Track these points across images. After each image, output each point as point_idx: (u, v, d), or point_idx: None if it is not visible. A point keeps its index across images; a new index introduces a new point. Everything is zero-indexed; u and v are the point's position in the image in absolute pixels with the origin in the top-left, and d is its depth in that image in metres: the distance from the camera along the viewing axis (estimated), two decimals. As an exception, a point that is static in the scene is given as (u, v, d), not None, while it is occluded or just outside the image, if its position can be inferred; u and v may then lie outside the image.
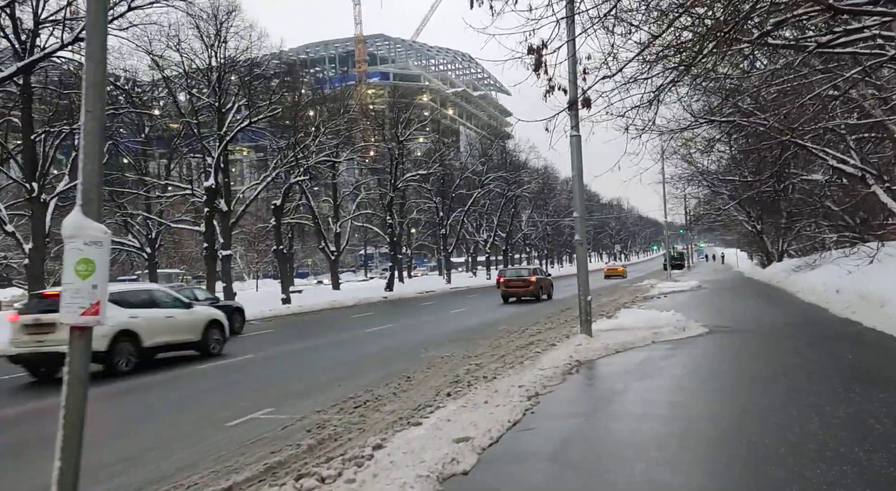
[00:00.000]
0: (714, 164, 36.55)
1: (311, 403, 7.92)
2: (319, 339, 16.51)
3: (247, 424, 6.99)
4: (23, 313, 11.14)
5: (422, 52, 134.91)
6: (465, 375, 9.37)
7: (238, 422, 7.06)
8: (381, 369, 10.54)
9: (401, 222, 48.98)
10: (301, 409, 7.58)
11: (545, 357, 9.99)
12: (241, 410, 7.57)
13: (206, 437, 6.54)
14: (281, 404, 7.93)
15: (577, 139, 11.58)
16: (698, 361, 8.96)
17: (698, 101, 18.38)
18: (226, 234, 29.41)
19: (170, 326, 11.91)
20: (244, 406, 7.82)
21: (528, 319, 18.14)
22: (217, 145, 24.03)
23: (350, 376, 10.01)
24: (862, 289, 13.91)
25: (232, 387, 9.57)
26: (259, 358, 12.70)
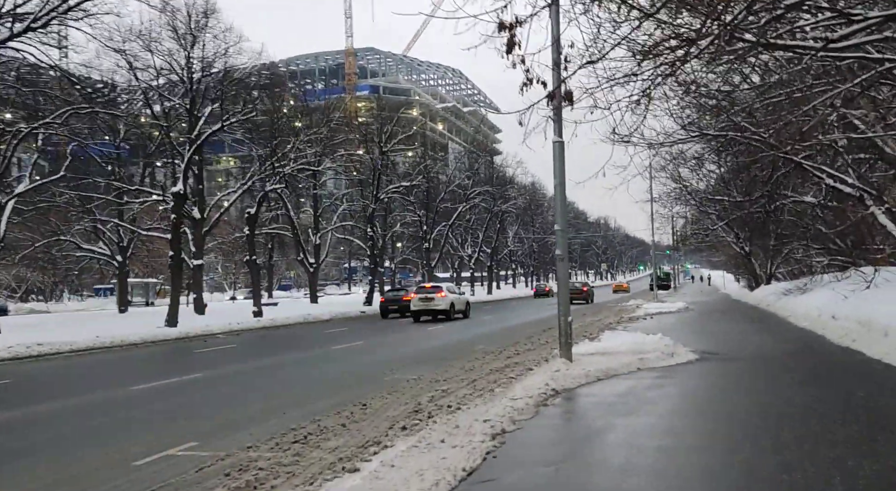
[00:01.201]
0: (703, 183, 36.01)
1: (244, 435, 6.82)
2: (283, 356, 15.37)
3: (158, 463, 5.88)
4: (417, 293, 27.10)
5: (412, 67, 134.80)
6: (428, 403, 8.32)
7: (149, 460, 5.95)
8: (338, 394, 9.47)
9: (384, 235, 47.91)
10: (229, 443, 6.49)
11: (519, 384, 8.96)
12: (158, 445, 6.46)
13: (102, 480, 5.43)
14: (208, 437, 6.83)
15: (560, 146, 10.66)
16: (689, 394, 7.98)
17: (689, 116, 17.66)
18: (198, 242, 28.26)
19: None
20: (164, 439, 6.71)
21: (507, 339, 17.12)
22: (188, 149, 22.91)
23: (301, 402, 8.92)
24: (861, 316, 13.03)
25: (161, 414, 8.42)
26: (207, 378, 11.55)
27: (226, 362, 13.93)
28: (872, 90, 13.95)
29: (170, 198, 22.23)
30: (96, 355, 16.16)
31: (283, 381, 11.17)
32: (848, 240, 24.38)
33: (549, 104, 6.38)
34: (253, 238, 27.79)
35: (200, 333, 21.13)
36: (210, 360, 14.11)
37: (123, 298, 35.61)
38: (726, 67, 16.51)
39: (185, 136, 23.10)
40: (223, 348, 17.11)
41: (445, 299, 26.31)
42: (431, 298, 26.30)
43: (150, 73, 25.01)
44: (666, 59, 7.16)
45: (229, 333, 22.25)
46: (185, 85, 23.11)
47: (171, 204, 22.14)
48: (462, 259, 56.84)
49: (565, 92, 6.50)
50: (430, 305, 26.23)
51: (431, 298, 26.30)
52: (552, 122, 10.53)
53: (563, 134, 10.70)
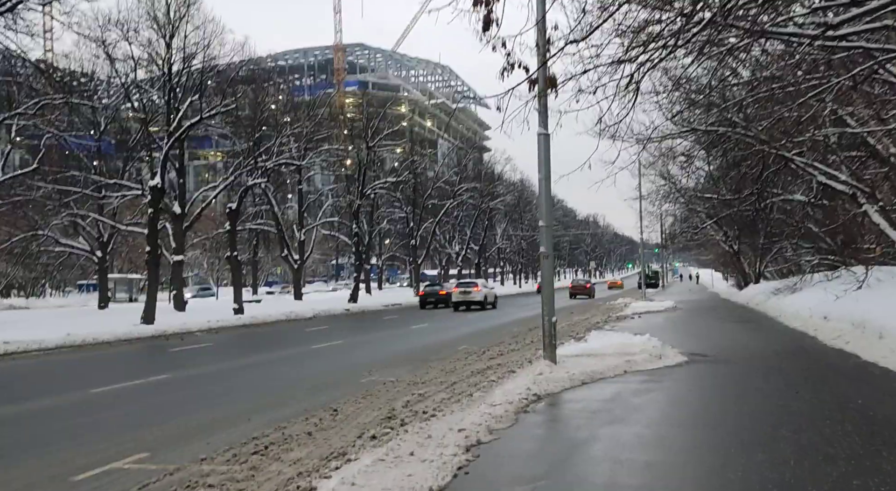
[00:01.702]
0: (692, 180, 35.74)
1: (201, 445, 6.31)
2: (258, 355, 14.83)
3: (99, 478, 5.36)
4: (458, 288, 32.12)
5: (402, 63, 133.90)
6: (403, 408, 7.85)
7: (90, 474, 5.43)
8: (310, 397, 8.97)
9: (370, 231, 47.35)
10: (183, 454, 5.98)
11: (499, 388, 8.50)
12: (104, 456, 5.93)
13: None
14: (162, 447, 6.30)
15: (545, 138, 10.20)
16: (678, 400, 7.55)
17: (679, 112, 17.27)
18: (178, 238, 27.58)
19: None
20: (113, 450, 6.18)
21: (492, 338, 16.69)
22: (166, 142, 22.23)
23: (270, 406, 8.42)
24: (854, 316, 12.71)
25: (116, 420, 7.86)
26: (174, 380, 11.00)
27: (198, 363, 13.38)
28: (866, 85, 13.62)
29: (148, 192, 21.54)
30: (64, 354, 15.53)
31: (254, 383, 10.66)
32: (838, 239, 24.16)
33: (530, 89, 5.91)
34: (234, 234, 27.14)
35: (177, 330, 20.52)
36: (182, 359, 13.55)
37: (104, 294, 34.82)
38: (716, 62, 16.16)
39: (164, 128, 22.40)
40: (198, 347, 16.53)
41: (480, 292, 31.23)
42: (469, 291, 31.33)
43: (129, 65, 24.30)
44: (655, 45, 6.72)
45: (208, 330, 21.64)
46: (164, 76, 22.38)
47: (149, 198, 21.46)
48: (450, 256, 56.37)
49: (548, 77, 6.03)
50: (468, 297, 31.01)
51: (469, 291, 31.33)
52: (536, 113, 10.10)
53: (548, 126, 10.26)
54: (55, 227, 32.29)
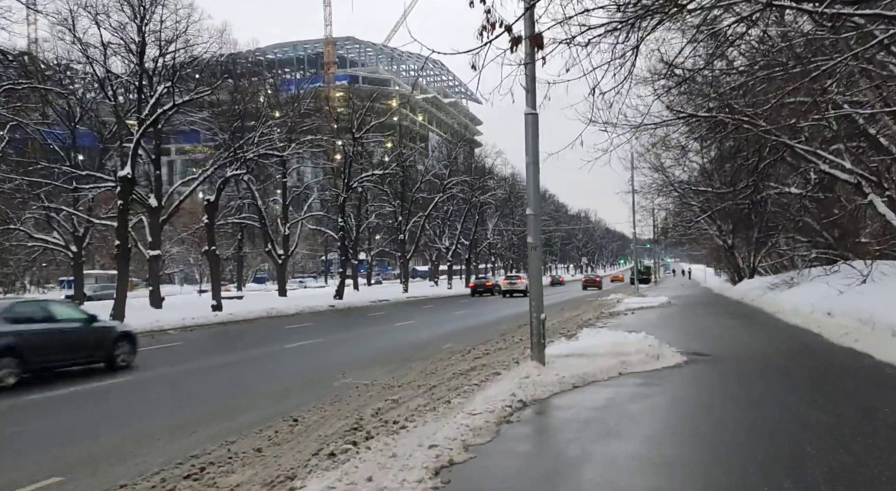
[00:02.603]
0: (685, 173, 35.03)
1: (128, 467, 5.42)
2: (228, 355, 13.91)
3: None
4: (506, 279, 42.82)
5: (392, 57, 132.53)
6: (372, 418, 6.98)
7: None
8: (273, 404, 8.09)
9: (357, 226, 46.38)
10: (102, 480, 5.08)
11: (481, 394, 7.64)
12: (8, 481, 5.03)
13: None
14: (80, 470, 5.40)
15: (533, 119, 9.34)
16: (679, 408, 6.71)
17: (677, 95, 16.43)
18: (155, 232, 26.56)
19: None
20: (21, 473, 5.28)
21: (478, 336, 15.84)
22: (137, 130, 21.17)
23: (224, 414, 7.53)
24: (861, 313, 11.94)
25: (37, 435, 6.86)
26: (125, 384, 10.06)
27: (161, 364, 12.45)
28: (872, 65, 12.86)
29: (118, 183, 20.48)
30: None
31: (214, 387, 9.75)
32: (834, 232, 23.48)
33: (512, 50, 5.04)
34: (212, 227, 26.12)
35: (148, 328, 19.51)
36: (143, 360, 12.60)
37: (79, 290, 33.68)
38: (714, 45, 15.37)
39: (135, 116, 21.35)
40: (167, 347, 15.57)
41: (523, 283, 38.52)
42: (515, 283, 41.02)
43: (100, 50, 23.19)
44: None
45: (182, 328, 20.67)
46: (136, 62, 21.31)
47: (119, 189, 20.43)
48: (440, 251, 55.48)
49: (534, 35, 5.17)
50: (514, 287, 40.17)
51: (515, 283, 41.02)
52: (523, 91, 9.23)
53: (535, 104, 9.39)
54: (27, 221, 31.18)
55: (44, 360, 10.15)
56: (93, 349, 10.95)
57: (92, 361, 10.94)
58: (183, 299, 35.89)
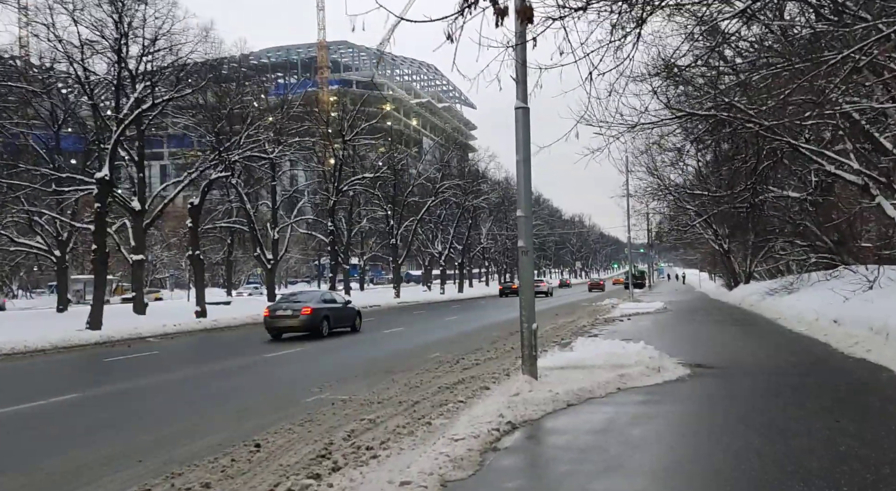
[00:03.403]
0: (681, 177, 34.47)
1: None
2: (203, 366, 13.12)
3: None
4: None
5: (386, 61, 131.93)
6: (344, 442, 6.23)
7: None
8: (236, 424, 7.34)
9: (349, 230, 45.65)
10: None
11: (466, 414, 6.91)
12: None
13: None
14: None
15: (524, 113, 8.64)
16: (690, 433, 5.98)
17: (678, 95, 15.84)
18: (138, 236, 25.77)
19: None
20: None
21: (468, 344, 15.13)
22: (115, 130, 20.36)
23: (180, 437, 6.77)
24: (874, 321, 11.26)
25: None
26: (83, 400, 9.26)
27: (129, 376, 11.66)
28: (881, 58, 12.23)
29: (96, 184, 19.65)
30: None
31: (178, 404, 8.98)
32: (833, 236, 22.91)
33: (498, 23, 4.35)
34: (196, 231, 25.31)
35: (127, 336, 18.74)
36: (112, 372, 11.85)
37: (63, 296, 32.79)
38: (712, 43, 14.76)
39: (114, 115, 20.56)
40: (141, 356, 14.77)
41: (545, 286, 50.54)
42: (539, 286, 46.05)
43: (87, 50, 22.36)
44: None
45: (162, 336, 19.84)
46: (113, 58, 20.52)
47: (95, 192, 19.62)
48: (433, 256, 54.73)
49: (524, 6, 4.47)
50: (538, 289, 43.01)
51: (539, 286, 46.05)
52: (513, 83, 8.54)
53: (526, 98, 8.70)
54: (9, 225, 30.30)
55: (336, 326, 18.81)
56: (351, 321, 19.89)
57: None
58: (169, 305, 35.02)
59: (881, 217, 18.05)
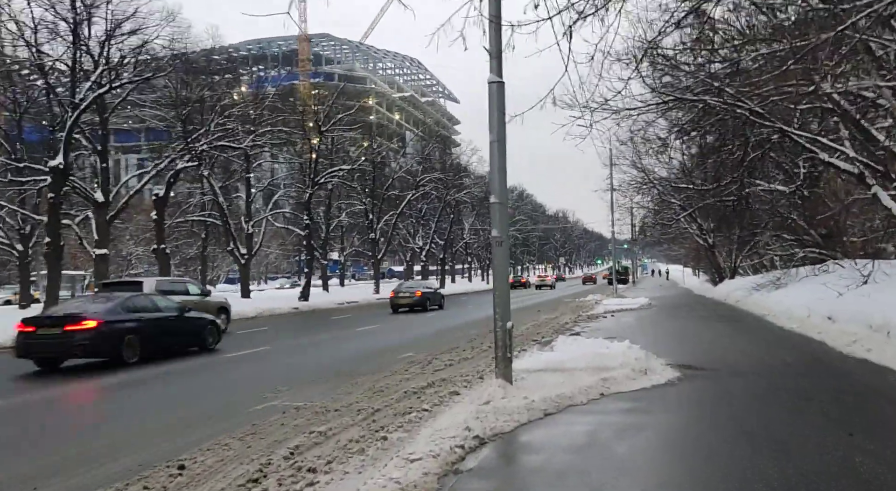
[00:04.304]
0: (666, 170, 33.90)
1: None
2: (156, 367, 12.09)
3: None
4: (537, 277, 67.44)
5: (369, 55, 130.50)
6: (284, 461, 5.34)
7: None
8: (169, 438, 6.41)
9: (327, 224, 44.57)
10: None
11: (429, 425, 6.06)
12: None
13: None
14: None
15: (499, 88, 7.79)
16: (684, 450, 5.17)
17: (664, 77, 15.06)
18: (102, 229, 24.55)
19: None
20: None
21: (444, 342, 14.28)
22: (70, 115, 19.19)
23: (93, 458, 5.80)
24: (871, 318, 10.59)
25: None
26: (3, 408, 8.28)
27: (61, 381, 10.64)
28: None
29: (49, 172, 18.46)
30: None
31: (109, 413, 8.03)
32: (819, 230, 22.40)
33: None
34: (162, 224, 24.18)
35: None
36: (47, 376, 10.84)
37: (25, 292, 31.49)
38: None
39: (68, 100, 19.36)
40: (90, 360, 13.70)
41: (550, 279, 61.95)
42: (544, 279, 60.91)
43: (42, 33, 21.12)
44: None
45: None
46: (69, 40, 19.33)
47: (49, 181, 18.46)
48: (414, 251, 53.81)
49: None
50: (543, 282, 59.10)
51: (544, 279, 60.91)
52: (490, 61, 7.69)
53: (501, 71, 7.85)
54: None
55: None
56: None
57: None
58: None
59: (875, 208, 17.49)
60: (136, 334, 12.11)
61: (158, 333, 12.80)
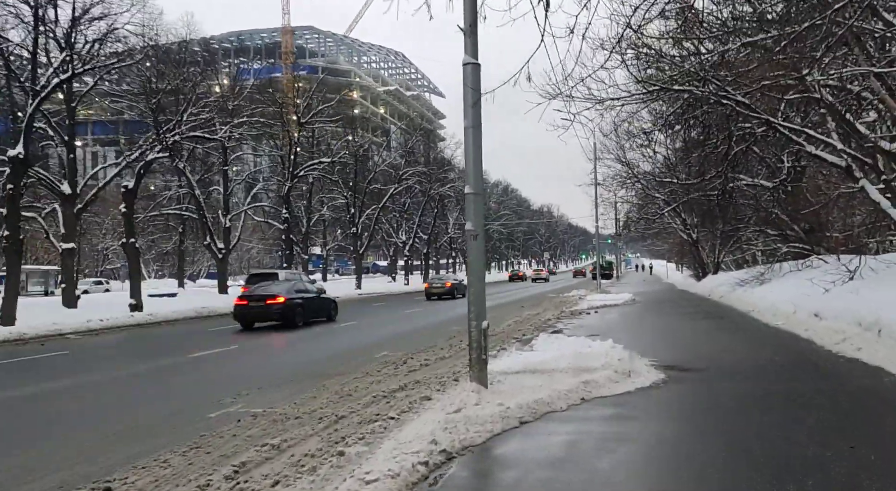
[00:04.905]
0: (650, 164, 33.62)
1: None
2: (114, 369, 11.43)
3: None
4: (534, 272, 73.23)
5: (353, 48, 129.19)
6: (224, 483, 4.78)
7: None
8: (104, 451, 5.83)
9: (308, 218, 43.83)
10: None
11: (392, 436, 5.52)
12: None
13: None
14: None
15: (475, 70, 7.26)
16: (673, 467, 4.67)
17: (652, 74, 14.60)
18: (69, 222, 23.67)
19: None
20: None
21: (423, 340, 13.78)
22: (30, 102, 18.31)
23: (14, 478, 5.22)
24: (861, 315, 10.22)
25: None
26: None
27: (11, 385, 9.96)
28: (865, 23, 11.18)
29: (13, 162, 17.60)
30: None
31: (46, 421, 7.37)
32: (804, 225, 22.16)
33: None
34: (131, 217, 23.33)
35: (44, 333, 16.87)
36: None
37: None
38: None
39: (29, 86, 18.47)
40: (43, 358, 13.00)
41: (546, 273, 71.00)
42: (539, 273, 69.74)
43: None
44: None
45: (86, 332, 18.00)
46: (28, 22, 18.42)
47: (8, 171, 17.62)
48: (397, 246, 53.16)
49: None
50: (539, 276, 66.90)
51: (539, 273, 69.74)
52: (461, 29, 7.14)
53: (477, 52, 7.31)
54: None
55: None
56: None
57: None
58: (109, 297, 32.80)
59: (856, 204, 17.20)
60: (302, 308, 18.11)
61: (311, 307, 18.79)
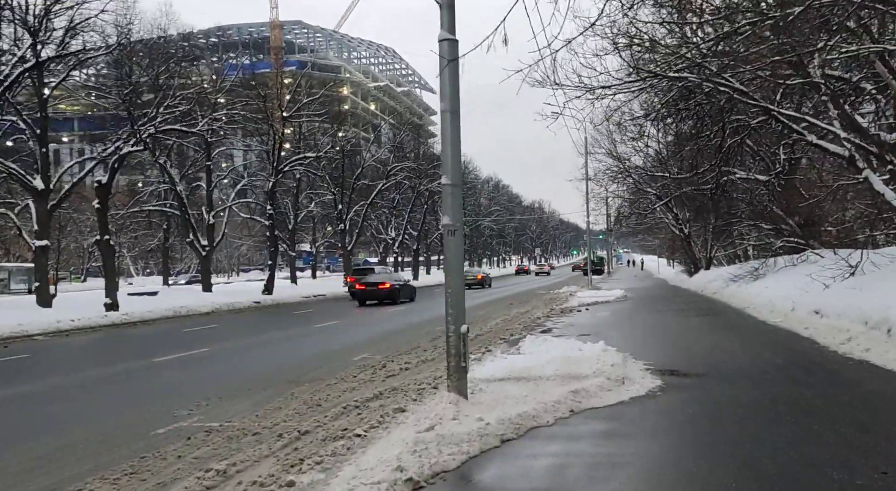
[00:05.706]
0: (641, 158, 33.05)
1: None
2: (71, 374, 10.69)
3: None
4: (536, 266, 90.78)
5: (343, 44, 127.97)
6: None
7: None
8: (22, 481, 5.11)
9: (295, 215, 43.01)
10: None
11: (353, 463, 4.83)
12: None
13: None
14: None
15: (452, 47, 6.55)
16: (673, 487, 4.01)
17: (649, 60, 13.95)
18: (42, 219, 22.78)
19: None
20: None
21: (406, 341, 13.14)
22: None
23: None
24: (866, 313, 9.63)
25: None
26: None
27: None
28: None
29: None
30: None
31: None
32: (796, 219, 21.65)
33: None
34: (105, 213, 22.42)
35: (8, 333, 16.07)
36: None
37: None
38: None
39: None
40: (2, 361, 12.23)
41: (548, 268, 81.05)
42: (543, 267, 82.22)
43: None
44: None
45: (55, 333, 17.21)
46: None
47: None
48: (387, 242, 52.42)
49: None
50: (542, 270, 77.76)
51: (543, 267, 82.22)
52: (441, 12, 6.43)
53: (454, 28, 6.61)
54: None
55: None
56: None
57: None
58: (87, 296, 31.90)
59: (856, 196, 16.66)
60: (399, 291, 25.91)
61: (404, 291, 26.76)
